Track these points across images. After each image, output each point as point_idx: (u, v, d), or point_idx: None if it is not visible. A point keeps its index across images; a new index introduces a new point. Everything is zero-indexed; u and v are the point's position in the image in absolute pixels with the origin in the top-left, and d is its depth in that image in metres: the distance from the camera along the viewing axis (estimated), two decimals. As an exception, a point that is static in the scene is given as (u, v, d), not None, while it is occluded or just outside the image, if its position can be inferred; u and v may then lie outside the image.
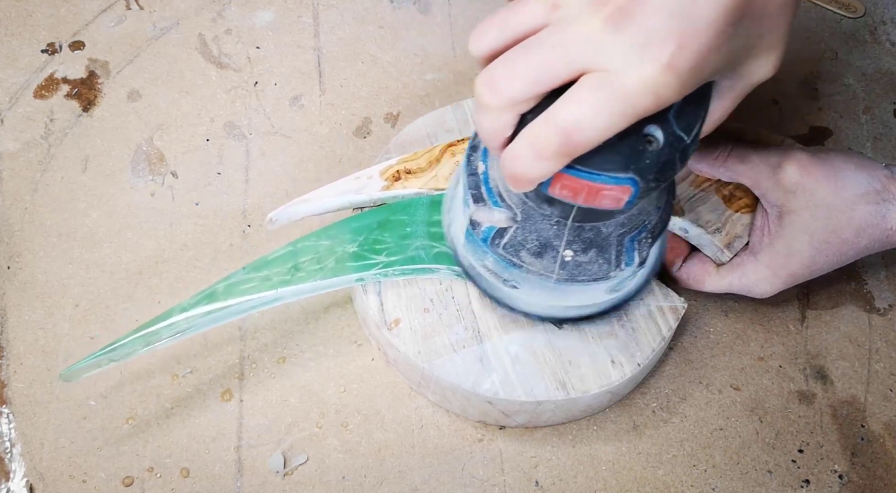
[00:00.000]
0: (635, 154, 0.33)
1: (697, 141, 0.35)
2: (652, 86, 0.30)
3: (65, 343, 0.51)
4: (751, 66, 0.35)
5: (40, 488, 0.47)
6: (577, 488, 0.48)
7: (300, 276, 0.46)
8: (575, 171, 0.33)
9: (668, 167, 0.34)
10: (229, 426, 0.49)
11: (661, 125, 0.33)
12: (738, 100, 0.37)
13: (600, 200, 0.34)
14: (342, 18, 0.63)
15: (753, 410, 0.51)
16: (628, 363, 0.47)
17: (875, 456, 0.50)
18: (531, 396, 0.46)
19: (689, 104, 0.34)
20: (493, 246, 0.41)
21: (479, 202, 0.41)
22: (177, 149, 0.57)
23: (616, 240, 0.40)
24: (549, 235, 0.40)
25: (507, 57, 0.32)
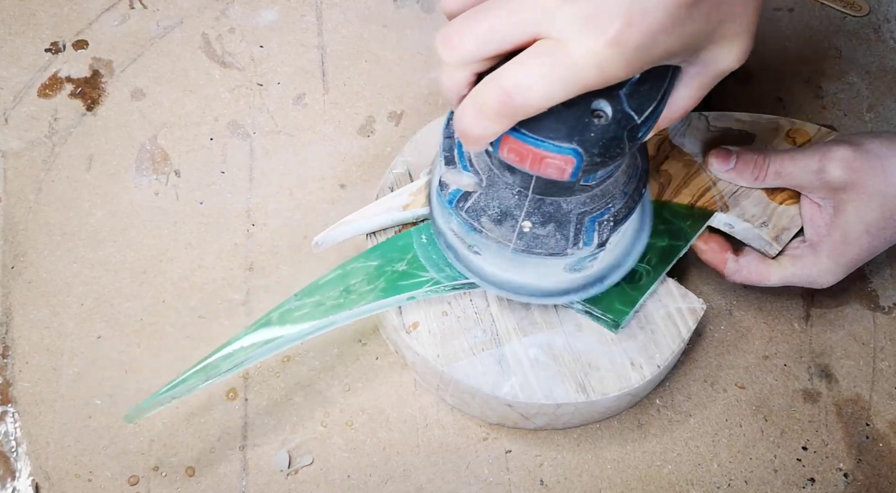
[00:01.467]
0: (580, 126, 0.33)
1: (651, 124, 0.35)
2: (596, 59, 0.31)
3: (70, 342, 0.51)
4: (714, 53, 0.35)
5: (46, 486, 0.47)
6: (581, 486, 0.48)
7: (353, 298, 0.46)
8: (520, 134, 0.34)
9: (613, 144, 0.34)
10: (234, 426, 0.49)
11: (610, 101, 0.34)
12: (705, 88, 0.37)
13: (545, 168, 0.35)
14: (345, 17, 0.63)
15: (758, 408, 0.51)
16: (648, 366, 0.47)
17: (880, 454, 0.50)
18: (551, 398, 0.46)
19: (643, 84, 0.34)
20: (457, 208, 0.42)
21: (449, 164, 0.42)
22: (181, 148, 0.57)
23: (576, 218, 0.41)
24: (510, 204, 0.41)
25: (466, 16, 0.33)
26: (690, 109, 0.38)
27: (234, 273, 0.53)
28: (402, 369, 0.51)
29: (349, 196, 0.56)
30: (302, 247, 0.54)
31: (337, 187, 0.57)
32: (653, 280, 0.47)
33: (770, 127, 0.53)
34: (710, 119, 0.52)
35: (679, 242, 0.48)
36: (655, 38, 0.31)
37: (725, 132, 0.52)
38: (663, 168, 0.51)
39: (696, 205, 0.49)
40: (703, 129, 0.52)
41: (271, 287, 0.53)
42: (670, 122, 0.38)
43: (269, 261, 0.54)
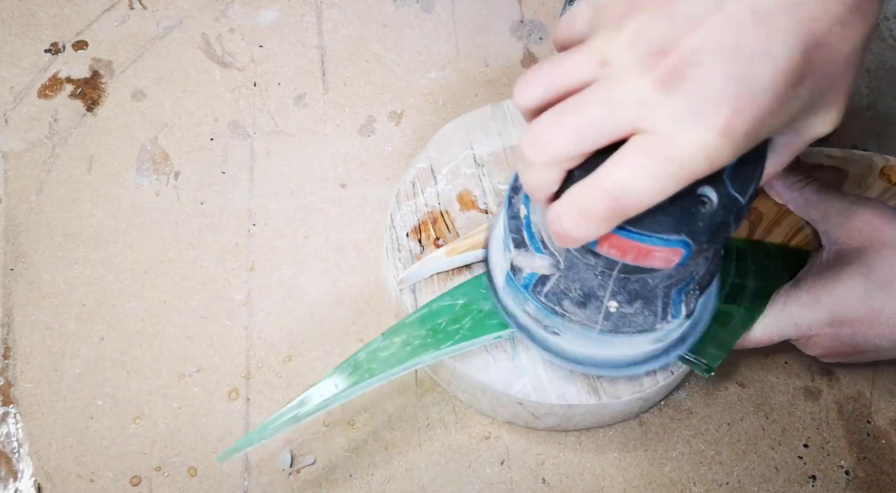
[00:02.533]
0: (688, 216, 0.32)
1: (752, 200, 0.34)
2: (705, 151, 0.29)
3: (71, 343, 0.51)
4: (810, 122, 0.33)
5: (48, 487, 0.47)
6: (583, 485, 0.48)
7: (440, 338, 0.45)
8: (625, 232, 0.32)
9: (721, 229, 0.33)
10: (236, 426, 0.49)
11: (714, 187, 0.32)
12: (795, 154, 0.35)
13: (650, 261, 0.33)
14: (345, 17, 0.63)
15: (759, 406, 0.51)
16: (661, 372, 0.46)
17: (881, 452, 0.50)
18: (563, 399, 0.46)
19: (744, 164, 0.33)
20: (534, 293, 0.40)
21: (520, 247, 0.40)
22: (181, 148, 0.57)
23: (663, 292, 0.39)
24: (594, 284, 0.39)
25: (553, 112, 0.31)
26: (777, 175, 0.36)
27: (235, 273, 0.53)
28: (403, 368, 0.51)
29: (350, 196, 0.56)
30: (303, 247, 0.54)
31: (338, 187, 0.57)
32: (747, 322, 0.45)
33: (864, 164, 0.51)
34: (801, 155, 0.51)
35: (773, 283, 0.46)
36: (764, 122, 0.30)
37: (817, 168, 0.50)
38: (753, 206, 0.49)
39: (789, 244, 0.48)
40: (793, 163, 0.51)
41: (273, 287, 0.53)
42: None
43: (271, 261, 0.54)
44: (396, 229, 0.50)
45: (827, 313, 0.43)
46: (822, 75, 0.31)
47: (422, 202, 0.51)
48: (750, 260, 0.47)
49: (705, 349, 0.45)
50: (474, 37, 0.62)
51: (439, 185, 0.51)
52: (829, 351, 0.45)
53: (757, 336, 0.45)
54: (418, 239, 0.50)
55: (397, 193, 0.51)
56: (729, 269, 0.47)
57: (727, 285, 0.46)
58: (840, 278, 0.43)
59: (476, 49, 0.62)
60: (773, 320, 0.45)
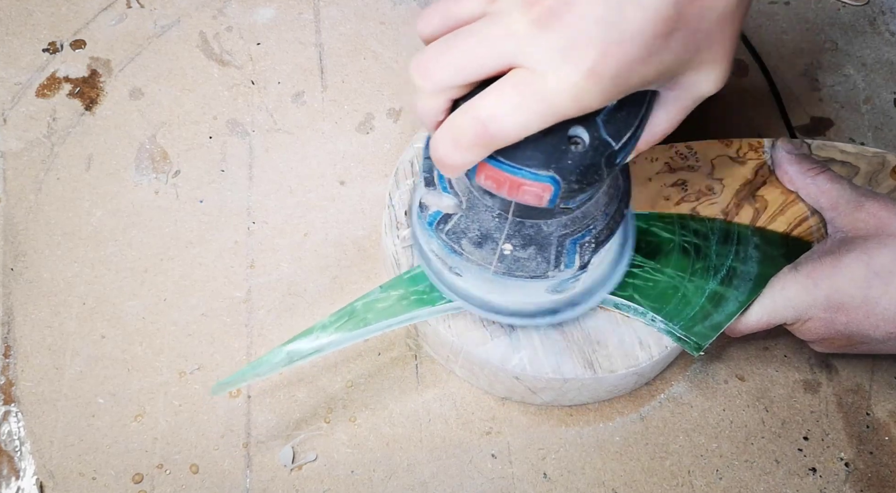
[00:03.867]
0: (557, 153, 0.33)
1: (629, 149, 0.35)
2: (572, 90, 0.31)
3: (72, 342, 0.51)
4: (691, 78, 0.35)
5: (50, 485, 0.47)
6: (585, 479, 0.48)
7: (435, 295, 0.46)
8: (497, 162, 0.34)
9: (591, 171, 0.34)
10: (238, 423, 0.49)
11: (587, 128, 0.33)
12: (684, 112, 0.37)
13: (522, 195, 0.35)
14: (343, 14, 0.63)
15: (759, 399, 0.51)
16: (656, 346, 0.47)
17: (880, 444, 0.50)
18: (558, 373, 0.46)
19: (620, 111, 0.34)
20: (437, 230, 0.42)
21: (429, 186, 0.42)
22: (180, 147, 0.57)
23: (557, 240, 0.40)
24: (491, 226, 0.40)
25: (440, 43, 0.33)
26: (670, 131, 0.37)
27: (235, 271, 0.54)
28: (404, 364, 0.51)
29: (349, 193, 0.56)
30: (303, 244, 0.55)
31: (336, 184, 0.57)
32: (741, 306, 0.46)
33: (875, 161, 0.51)
34: (813, 147, 0.52)
35: (770, 270, 0.46)
36: (631, 68, 0.31)
37: (828, 163, 0.51)
38: (759, 194, 0.50)
39: (791, 234, 0.49)
40: None
41: (272, 285, 0.53)
42: (649, 145, 0.38)
43: (270, 258, 0.54)
44: (395, 208, 0.50)
45: (824, 297, 0.43)
46: (695, 31, 0.32)
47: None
48: (751, 246, 0.48)
49: (696, 328, 0.46)
50: (472, 33, 0.62)
51: (416, 180, 0.52)
52: (823, 338, 0.45)
53: (753, 319, 0.46)
54: None
55: (395, 171, 0.52)
56: (728, 251, 0.48)
57: (725, 267, 0.47)
58: (841, 264, 0.43)
59: (474, 46, 0.62)
60: (769, 303, 0.45)
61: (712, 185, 0.50)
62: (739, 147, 0.51)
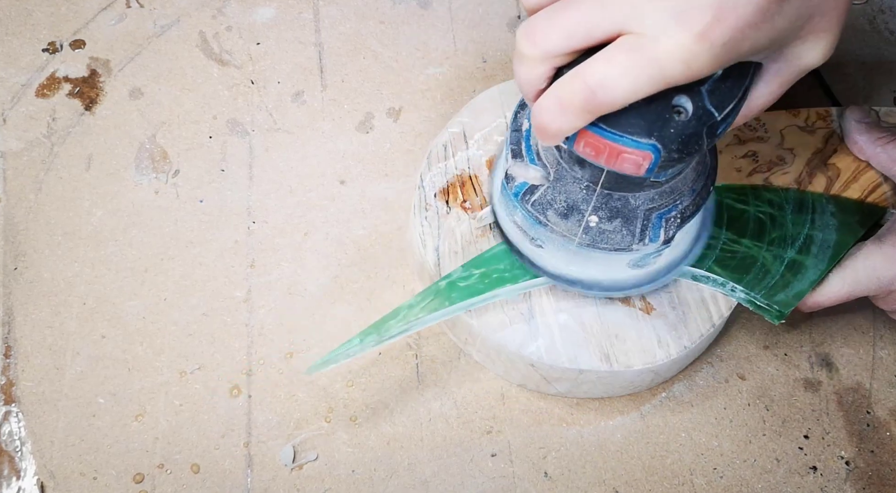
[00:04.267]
0: (660, 121, 0.33)
1: (730, 121, 0.35)
2: (683, 55, 0.30)
3: (72, 341, 0.51)
4: (799, 49, 0.34)
5: (51, 485, 0.47)
6: (585, 478, 0.48)
7: (517, 273, 0.47)
8: (599, 129, 0.34)
9: (692, 140, 0.34)
10: (238, 422, 0.49)
11: (691, 97, 0.33)
12: (785, 85, 0.36)
13: (621, 163, 0.34)
14: (343, 14, 0.63)
15: (759, 398, 0.51)
16: (675, 345, 0.47)
17: (881, 442, 0.50)
18: (574, 363, 0.46)
19: (725, 81, 0.34)
20: (522, 201, 0.42)
21: (516, 157, 0.42)
22: (180, 146, 0.57)
23: (643, 214, 0.41)
24: (578, 198, 0.41)
25: (549, 10, 0.33)
26: (768, 106, 0.37)
27: (235, 271, 0.54)
28: (404, 363, 0.51)
29: (349, 192, 0.56)
30: (303, 244, 0.55)
31: (337, 184, 0.57)
32: (821, 274, 0.46)
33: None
34: (882, 114, 0.52)
35: (847, 237, 0.47)
36: (744, 34, 0.31)
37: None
38: (831, 162, 0.50)
39: (866, 201, 0.49)
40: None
41: (273, 284, 0.53)
42: (747, 119, 0.37)
43: (271, 258, 0.54)
44: (425, 189, 0.51)
45: None
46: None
47: (452, 165, 0.51)
48: (827, 213, 0.48)
49: (777, 297, 0.46)
50: (471, 33, 0.62)
51: (470, 150, 0.52)
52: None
53: (835, 290, 0.46)
54: (445, 200, 0.51)
55: (428, 154, 0.52)
56: (804, 220, 0.48)
57: (801, 236, 0.47)
58: None
59: (473, 45, 0.62)
60: (852, 274, 0.45)
61: (783, 155, 0.50)
62: (808, 116, 0.52)
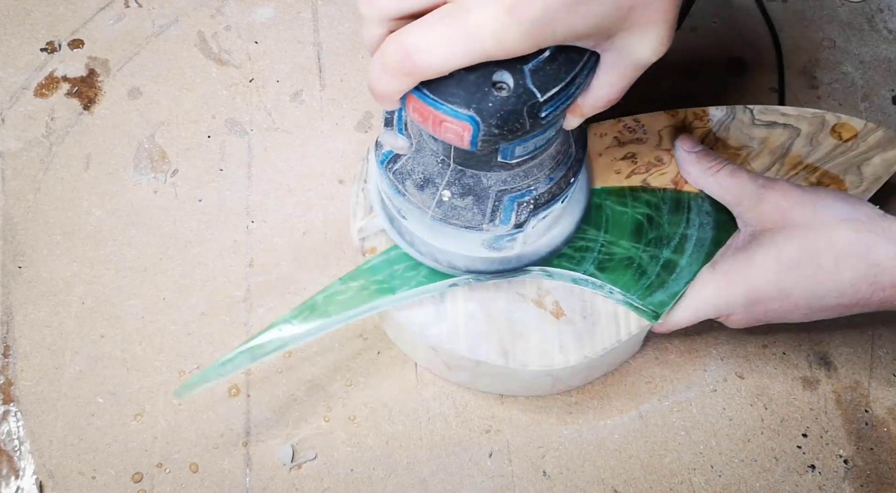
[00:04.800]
0: (480, 94, 0.34)
1: (557, 105, 0.35)
2: (494, 27, 0.31)
3: (71, 341, 0.51)
4: (628, 40, 0.35)
5: (50, 485, 0.47)
6: (584, 476, 0.49)
7: (396, 284, 0.46)
8: (422, 95, 0.35)
9: (512, 117, 0.34)
10: (237, 422, 0.49)
11: (513, 74, 0.34)
12: (625, 79, 0.37)
13: (444, 132, 0.35)
14: (341, 13, 0.63)
15: (758, 397, 0.51)
16: (575, 353, 0.46)
17: (879, 441, 0.50)
18: (472, 353, 0.46)
19: (551, 63, 0.34)
20: (386, 168, 0.43)
21: (388, 126, 0.43)
22: (179, 146, 0.57)
23: (495, 195, 0.41)
24: (433, 171, 0.41)
25: None
26: (613, 98, 0.38)
27: (234, 270, 0.54)
28: (403, 362, 0.51)
29: (348, 192, 0.56)
30: (302, 243, 0.55)
31: (335, 183, 0.57)
32: (692, 273, 0.46)
33: (815, 121, 0.52)
34: (756, 112, 0.52)
35: (723, 235, 0.47)
36: (556, 14, 0.31)
37: (770, 126, 0.52)
38: None
39: None
40: (748, 122, 0.52)
41: (271, 284, 0.53)
42: (595, 110, 0.38)
43: (269, 257, 0.54)
44: (369, 162, 0.50)
45: (742, 294, 0.44)
46: None
47: None
48: (703, 212, 0.49)
49: (653, 297, 0.46)
50: (470, 32, 0.63)
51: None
52: (747, 325, 0.47)
53: (679, 316, 0.47)
54: None
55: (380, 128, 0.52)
56: (680, 219, 0.48)
57: (677, 235, 0.48)
58: (753, 262, 0.44)
59: (472, 44, 0.62)
60: (692, 302, 0.46)
61: (661, 156, 0.51)
62: (685, 117, 0.52)
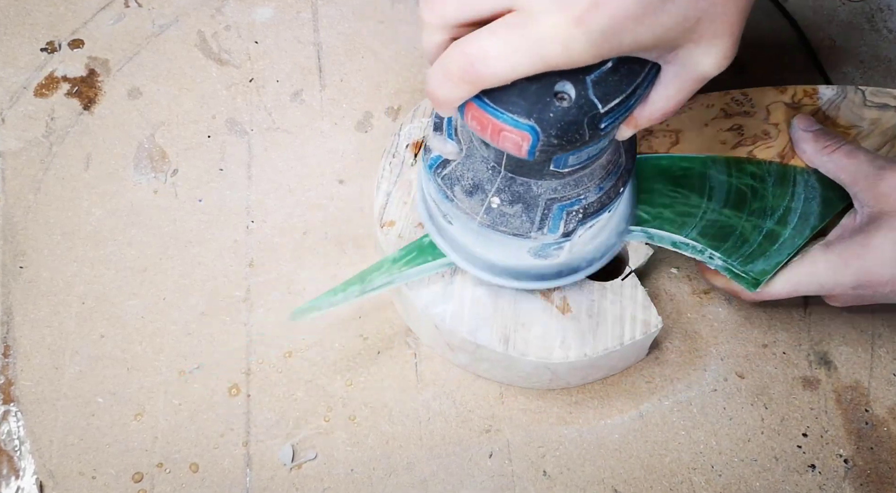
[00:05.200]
0: (541, 104, 0.34)
1: (617, 116, 0.35)
2: (561, 37, 0.31)
3: (71, 341, 0.51)
4: (693, 53, 0.35)
5: (50, 485, 0.47)
6: (584, 476, 0.48)
7: None
8: (482, 103, 0.34)
9: (572, 128, 0.34)
10: (237, 421, 0.49)
11: (575, 84, 0.34)
12: (685, 91, 0.36)
13: (503, 141, 0.35)
14: (341, 13, 0.63)
15: (758, 396, 0.51)
16: (576, 350, 0.47)
17: (880, 440, 0.50)
18: (473, 336, 0.46)
19: (613, 74, 0.34)
20: (434, 173, 0.43)
21: (437, 130, 0.43)
22: (179, 146, 0.57)
23: (544, 203, 0.41)
24: (483, 178, 0.41)
25: None
26: (670, 111, 0.37)
27: (234, 270, 0.54)
28: (403, 362, 0.51)
29: (348, 192, 0.56)
30: (302, 243, 0.55)
31: (336, 183, 0.57)
32: (795, 246, 0.47)
33: None
34: (867, 94, 0.52)
35: (827, 211, 0.48)
36: (623, 25, 0.31)
37: (883, 108, 0.52)
38: None
39: None
40: (858, 102, 0.52)
41: (272, 283, 0.53)
42: (650, 121, 0.38)
43: (270, 257, 0.54)
44: (400, 137, 0.52)
45: (853, 275, 0.44)
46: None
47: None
48: (809, 187, 0.49)
49: (754, 264, 0.47)
50: (470, 32, 0.62)
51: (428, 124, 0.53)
52: (846, 305, 0.47)
53: (776, 288, 0.46)
54: (415, 154, 0.52)
55: (417, 108, 0.53)
56: (785, 193, 0.49)
57: (781, 208, 0.48)
58: (870, 244, 0.43)
59: (472, 44, 0.62)
60: (795, 276, 0.46)
61: (768, 129, 0.51)
62: (794, 93, 0.53)
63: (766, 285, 0.47)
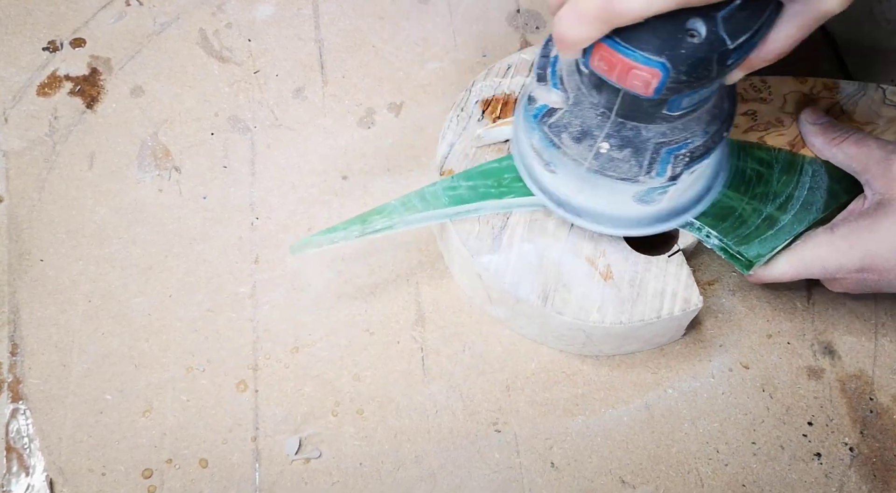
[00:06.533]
0: (673, 41, 0.34)
1: (743, 52, 0.36)
2: None
3: (78, 339, 0.51)
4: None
5: (60, 482, 0.47)
6: (592, 467, 0.49)
7: (502, 190, 0.49)
8: (613, 42, 0.35)
9: (702, 65, 0.35)
10: (246, 417, 0.49)
11: (706, 21, 0.34)
12: (805, 29, 0.37)
13: (631, 80, 0.36)
14: (342, 10, 0.63)
15: (763, 386, 0.51)
16: (612, 316, 0.47)
17: (884, 428, 0.50)
18: (515, 288, 0.47)
19: (742, 11, 0.35)
20: (540, 123, 0.43)
21: (541, 81, 0.44)
22: (182, 143, 0.57)
23: (653, 147, 0.42)
24: (592, 124, 0.42)
25: None
26: (786, 50, 0.38)
27: (239, 267, 0.54)
28: (410, 356, 0.51)
29: (351, 188, 0.57)
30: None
31: (339, 179, 0.57)
32: (794, 231, 0.47)
33: None
34: (888, 92, 0.53)
35: (831, 202, 0.48)
36: None
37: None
38: None
39: None
40: (878, 100, 0.53)
41: (277, 280, 0.53)
42: (764, 62, 0.38)
43: (274, 254, 0.54)
44: (470, 93, 0.53)
45: (858, 259, 0.44)
46: None
47: (505, 84, 0.53)
48: (816, 176, 0.50)
49: (749, 246, 0.47)
50: (471, 27, 0.63)
51: (529, 78, 0.53)
52: (849, 291, 0.47)
53: (781, 270, 0.47)
54: (483, 110, 0.52)
55: (491, 68, 0.54)
56: (791, 181, 0.49)
57: (784, 195, 0.49)
58: (877, 229, 0.44)
59: (473, 39, 0.62)
60: (798, 258, 0.46)
61: (782, 118, 0.51)
62: (814, 86, 0.53)
63: (768, 266, 0.47)
